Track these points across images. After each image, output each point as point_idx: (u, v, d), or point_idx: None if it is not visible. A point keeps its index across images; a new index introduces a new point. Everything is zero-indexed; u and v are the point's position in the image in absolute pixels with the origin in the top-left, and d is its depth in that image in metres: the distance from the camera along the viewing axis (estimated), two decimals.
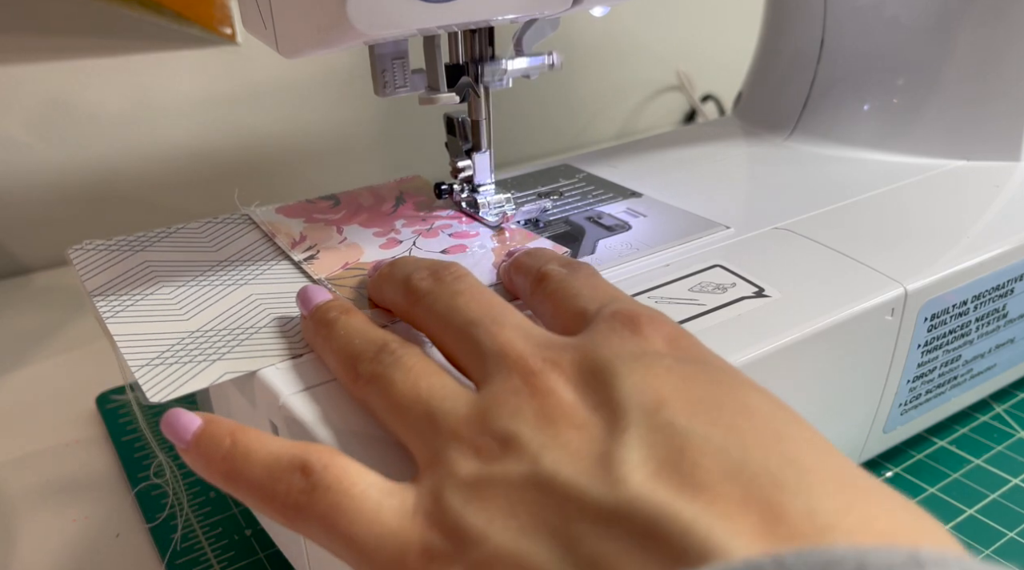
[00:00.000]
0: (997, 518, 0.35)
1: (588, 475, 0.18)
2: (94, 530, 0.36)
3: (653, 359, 0.21)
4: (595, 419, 0.20)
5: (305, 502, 0.20)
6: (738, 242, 0.36)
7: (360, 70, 0.66)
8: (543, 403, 0.20)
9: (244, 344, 0.28)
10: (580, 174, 0.44)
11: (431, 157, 0.47)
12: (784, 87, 0.50)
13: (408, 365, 0.23)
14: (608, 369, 0.21)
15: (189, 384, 0.26)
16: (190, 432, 0.22)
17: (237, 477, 0.21)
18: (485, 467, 0.20)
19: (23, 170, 0.58)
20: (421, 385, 0.22)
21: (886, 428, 0.35)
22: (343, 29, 0.27)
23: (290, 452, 0.21)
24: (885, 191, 0.40)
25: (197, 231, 0.36)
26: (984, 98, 0.43)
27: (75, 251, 0.34)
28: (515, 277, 0.29)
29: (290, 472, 0.21)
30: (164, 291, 0.31)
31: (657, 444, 0.18)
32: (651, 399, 0.20)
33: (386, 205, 0.39)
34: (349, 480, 0.20)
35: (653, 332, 0.23)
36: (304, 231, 0.36)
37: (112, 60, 0.58)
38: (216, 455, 0.22)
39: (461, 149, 0.37)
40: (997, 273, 0.35)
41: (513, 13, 0.31)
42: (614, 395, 0.20)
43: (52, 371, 0.48)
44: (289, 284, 0.32)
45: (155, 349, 0.28)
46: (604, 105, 0.81)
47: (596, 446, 0.19)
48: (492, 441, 0.20)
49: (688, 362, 0.21)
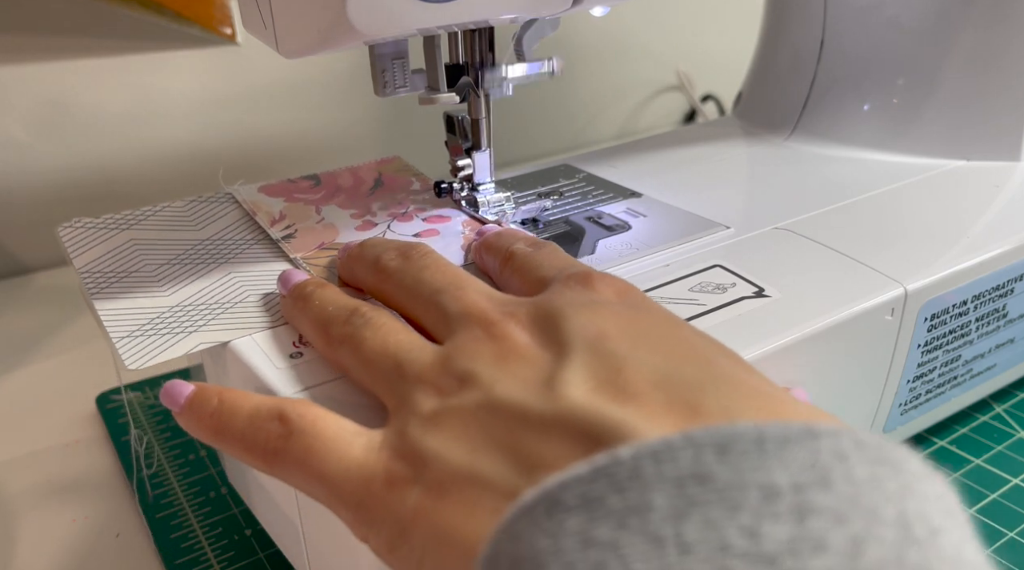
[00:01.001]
0: (997, 518, 0.35)
1: (534, 394, 0.20)
2: (94, 530, 0.36)
3: (601, 304, 0.23)
4: (544, 353, 0.22)
5: (282, 447, 0.22)
6: (738, 242, 0.36)
7: (360, 70, 0.66)
8: (500, 346, 0.22)
9: (220, 317, 0.30)
10: (580, 174, 0.44)
11: (431, 157, 0.47)
12: (784, 87, 0.50)
13: (377, 324, 0.25)
14: (558, 313, 0.23)
15: (166, 353, 0.28)
16: (183, 396, 0.25)
17: (223, 430, 0.24)
18: (444, 401, 0.21)
19: (23, 170, 0.58)
20: (389, 340, 0.24)
21: (886, 428, 0.35)
22: (343, 29, 0.27)
23: (269, 404, 0.23)
24: (885, 191, 0.40)
25: (182, 210, 0.37)
26: (984, 98, 0.43)
27: (64, 229, 0.35)
28: (485, 257, 0.31)
29: (269, 421, 0.23)
30: (148, 268, 0.33)
31: (597, 366, 0.20)
32: (595, 332, 0.21)
33: (364, 186, 0.40)
34: (322, 424, 0.22)
35: (604, 286, 0.25)
36: (284, 210, 0.37)
37: (112, 60, 0.58)
38: (205, 413, 0.24)
39: (460, 144, 0.37)
40: (997, 273, 0.35)
41: (513, 13, 0.31)
42: (562, 333, 0.22)
43: (52, 371, 0.48)
44: (265, 262, 0.34)
45: (136, 322, 0.30)
46: (604, 105, 0.81)
47: (543, 372, 0.21)
48: (452, 380, 0.22)
49: (634, 307, 0.24)
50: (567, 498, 0.15)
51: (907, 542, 0.14)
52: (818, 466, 0.15)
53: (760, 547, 0.14)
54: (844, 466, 0.15)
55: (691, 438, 0.15)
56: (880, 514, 0.15)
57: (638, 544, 0.14)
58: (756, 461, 0.15)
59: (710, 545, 0.14)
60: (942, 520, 0.15)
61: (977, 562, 0.15)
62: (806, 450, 0.15)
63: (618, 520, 0.15)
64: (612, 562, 0.14)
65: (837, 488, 0.15)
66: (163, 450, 0.40)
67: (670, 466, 0.15)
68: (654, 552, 0.14)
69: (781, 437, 0.15)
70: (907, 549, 0.14)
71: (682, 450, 0.15)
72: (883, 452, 0.16)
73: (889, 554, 0.14)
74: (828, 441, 0.16)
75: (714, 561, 0.14)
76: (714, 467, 0.15)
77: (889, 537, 0.14)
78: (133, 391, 0.45)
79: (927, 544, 0.14)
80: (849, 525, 0.14)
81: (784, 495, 0.15)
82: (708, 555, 0.14)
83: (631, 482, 0.15)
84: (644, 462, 0.15)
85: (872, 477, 0.15)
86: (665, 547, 0.14)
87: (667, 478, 0.15)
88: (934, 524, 0.15)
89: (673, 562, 0.14)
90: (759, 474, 0.15)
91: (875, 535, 0.14)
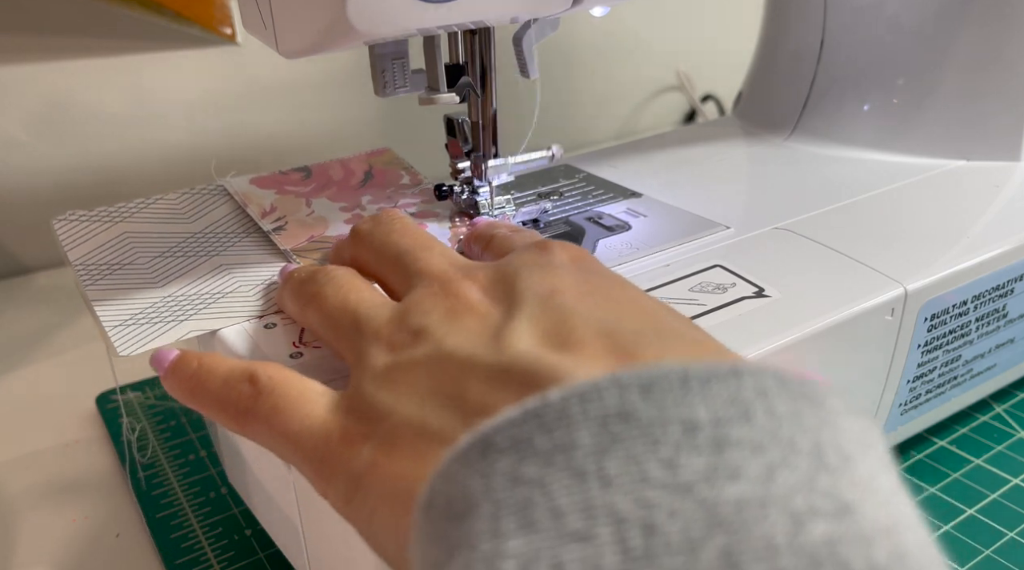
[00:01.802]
0: (997, 518, 0.35)
1: (482, 346, 0.21)
2: (94, 530, 0.36)
3: (556, 266, 0.24)
4: (496, 309, 0.22)
5: (251, 406, 0.23)
6: (738, 242, 0.36)
7: (360, 70, 0.66)
8: (454, 302, 0.23)
9: (212, 307, 0.31)
10: (580, 174, 0.44)
11: (431, 157, 0.47)
12: (784, 87, 0.49)
13: (339, 282, 0.26)
14: (514, 273, 0.23)
15: (157, 340, 0.29)
16: (168, 361, 0.26)
17: (200, 391, 0.25)
18: (397, 356, 0.22)
19: (23, 170, 0.58)
20: (351, 297, 0.25)
21: (886, 428, 0.35)
22: (343, 29, 0.27)
23: (242, 366, 0.24)
24: (885, 191, 0.40)
25: (175, 202, 0.37)
26: (984, 98, 0.43)
27: (59, 221, 0.35)
28: (473, 246, 0.32)
29: (240, 382, 0.24)
30: (141, 261, 0.33)
31: (544, 319, 0.21)
32: (547, 289, 0.22)
33: (355, 179, 0.40)
34: (289, 385, 0.23)
35: (561, 251, 0.25)
36: (274, 202, 0.38)
37: (112, 60, 0.58)
38: (185, 375, 0.25)
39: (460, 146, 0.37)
40: (997, 273, 0.35)
41: (513, 13, 0.31)
42: (514, 290, 0.23)
43: (52, 371, 0.48)
44: (256, 255, 0.34)
45: (129, 312, 0.30)
46: (604, 105, 0.81)
47: (492, 326, 0.21)
48: (406, 335, 0.22)
49: (587, 271, 0.24)
50: (499, 440, 0.16)
51: (819, 469, 0.15)
52: (739, 401, 0.15)
53: (677, 477, 0.14)
54: (765, 401, 0.16)
55: (617, 379, 0.16)
56: (796, 444, 0.15)
57: (563, 479, 0.15)
58: (679, 398, 0.15)
59: (630, 477, 0.14)
60: (857, 450, 0.16)
61: (888, 488, 0.15)
62: (729, 387, 0.16)
63: (545, 458, 0.15)
64: (538, 497, 0.15)
65: (757, 421, 0.15)
66: (163, 450, 0.40)
67: (596, 405, 0.16)
68: (577, 486, 0.14)
69: (705, 375, 0.16)
70: (818, 475, 0.15)
71: (607, 390, 0.16)
72: (806, 389, 0.16)
73: (800, 479, 0.14)
74: (751, 379, 0.16)
75: (634, 492, 0.14)
76: (638, 405, 0.15)
77: (802, 465, 0.15)
78: (133, 391, 0.45)
79: (839, 471, 0.15)
80: (765, 455, 0.15)
81: (704, 429, 0.15)
82: (628, 487, 0.14)
83: (558, 422, 0.16)
84: (571, 403, 0.16)
85: (793, 412, 0.16)
86: (588, 481, 0.14)
87: (592, 417, 0.15)
88: (847, 452, 0.15)
89: (595, 495, 0.14)
90: (681, 410, 0.15)
91: (789, 463, 0.15)
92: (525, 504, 0.15)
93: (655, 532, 0.14)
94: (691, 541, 0.13)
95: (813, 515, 0.14)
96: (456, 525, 0.15)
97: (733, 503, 0.14)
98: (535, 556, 0.14)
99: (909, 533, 0.15)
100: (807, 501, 0.14)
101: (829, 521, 0.14)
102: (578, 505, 0.14)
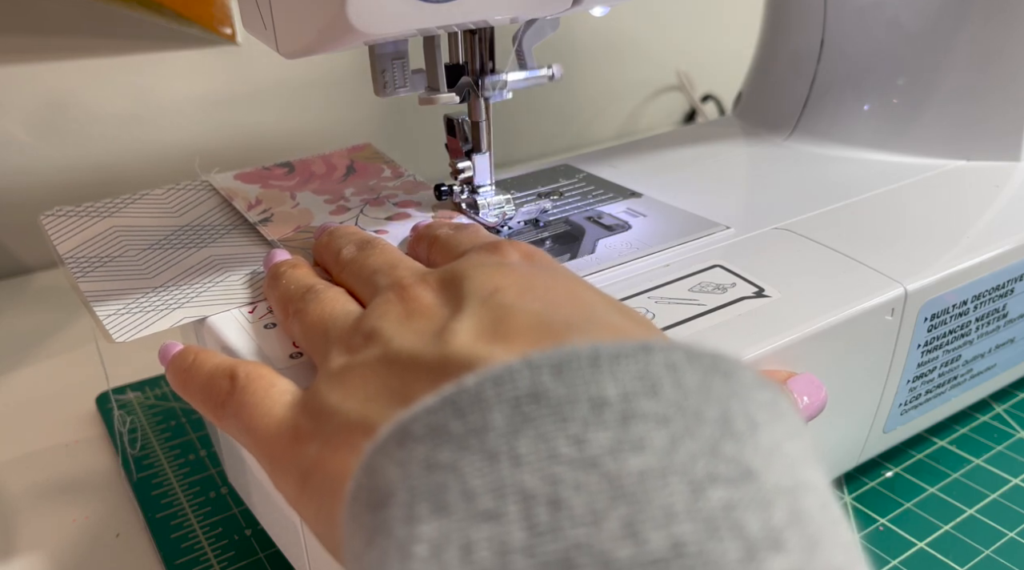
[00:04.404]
0: (997, 518, 0.35)
1: (425, 344, 0.21)
2: (94, 530, 0.36)
3: (504, 265, 0.24)
4: (443, 310, 0.23)
5: (226, 400, 0.25)
6: (738, 242, 0.36)
7: (360, 70, 0.66)
8: (407, 306, 0.24)
9: (202, 295, 0.32)
10: (580, 174, 0.44)
11: (431, 158, 0.47)
12: (784, 87, 0.49)
13: (323, 299, 0.27)
14: (462, 275, 0.24)
15: (151, 328, 0.30)
16: (170, 354, 0.28)
17: (190, 383, 0.26)
18: (351, 358, 0.23)
19: (23, 170, 0.58)
20: (326, 311, 0.26)
21: (886, 428, 0.35)
22: (343, 29, 0.27)
23: (228, 363, 0.26)
24: (885, 191, 0.40)
25: (161, 197, 0.38)
26: (984, 98, 0.43)
27: (46, 217, 0.35)
28: (417, 247, 0.32)
29: (222, 378, 0.25)
30: (130, 253, 0.34)
31: (485, 316, 0.21)
32: (489, 288, 0.22)
33: (337, 173, 0.41)
34: (263, 383, 0.24)
35: (511, 249, 0.26)
36: (259, 196, 0.38)
37: (112, 60, 0.58)
38: (181, 368, 0.27)
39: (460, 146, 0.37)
40: (997, 273, 0.35)
41: (513, 13, 0.31)
42: (461, 291, 0.23)
43: (52, 371, 0.48)
44: (244, 246, 0.35)
45: (122, 302, 0.31)
46: (604, 105, 0.81)
47: (438, 325, 0.22)
48: (360, 338, 0.23)
49: (535, 267, 0.25)
50: (415, 429, 0.16)
51: (725, 436, 0.15)
52: (647, 376, 0.16)
53: (583, 452, 0.15)
54: (674, 375, 0.16)
55: (530, 361, 0.16)
56: (703, 415, 0.15)
57: (475, 462, 0.15)
58: (588, 376, 0.16)
59: (539, 455, 0.15)
60: (765, 417, 0.16)
61: (796, 455, 0.16)
62: (638, 363, 0.16)
63: (459, 443, 0.15)
64: (451, 481, 0.15)
65: (664, 395, 0.16)
66: (163, 450, 0.40)
67: (508, 387, 0.16)
68: (488, 467, 0.15)
69: (615, 353, 0.16)
70: (723, 442, 0.15)
71: (519, 372, 0.16)
72: (717, 363, 0.16)
73: (702, 448, 0.15)
74: (661, 354, 0.16)
75: (543, 470, 0.14)
76: (549, 385, 0.16)
77: (706, 433, 0.15)
78: (133, 391, 0.45)
79: (745, 437, 0.15)
80: (670, 426, 0.15)
81: (612, 404, 0.15)
82: (537, 465, 0.15)
83: (472, 407, 0.16)
84: (486, 386, 0.16)
85: (702, 385, 0.16)
86: (499, 461, 0.15)
87: (505, 399, 0.16)
88: (756, 420, 0.16)
89: (506, 474, 0.15)
90: (590, 387, 0.16)
91: (692, 433, 0.15)
92: (439, 488, 0.15)
93: (560, 506, 0.14)
94: (595, 513, 0.14)
95: (713, 481, 0.14)
96: (374, 514, 0.16)
97: (636, 474, 0.14)
98: (446, 538, 0.14)
99: (811, 495, 0.15)
100: (708, 468, 0.14)
101: (728, 486, 0.14)
102: (489, 486, 0.15)
